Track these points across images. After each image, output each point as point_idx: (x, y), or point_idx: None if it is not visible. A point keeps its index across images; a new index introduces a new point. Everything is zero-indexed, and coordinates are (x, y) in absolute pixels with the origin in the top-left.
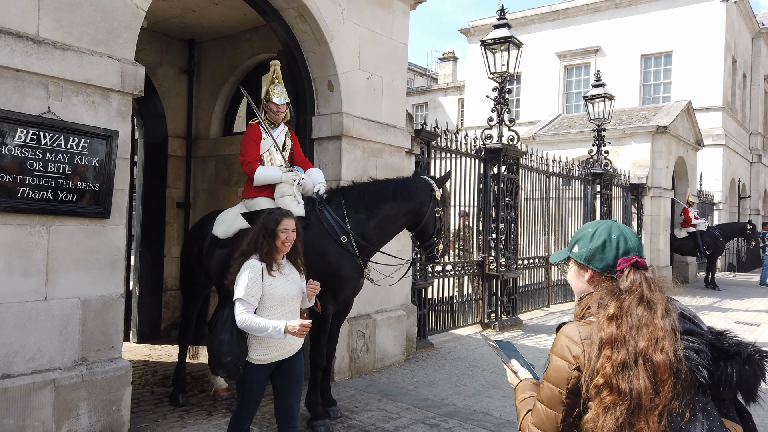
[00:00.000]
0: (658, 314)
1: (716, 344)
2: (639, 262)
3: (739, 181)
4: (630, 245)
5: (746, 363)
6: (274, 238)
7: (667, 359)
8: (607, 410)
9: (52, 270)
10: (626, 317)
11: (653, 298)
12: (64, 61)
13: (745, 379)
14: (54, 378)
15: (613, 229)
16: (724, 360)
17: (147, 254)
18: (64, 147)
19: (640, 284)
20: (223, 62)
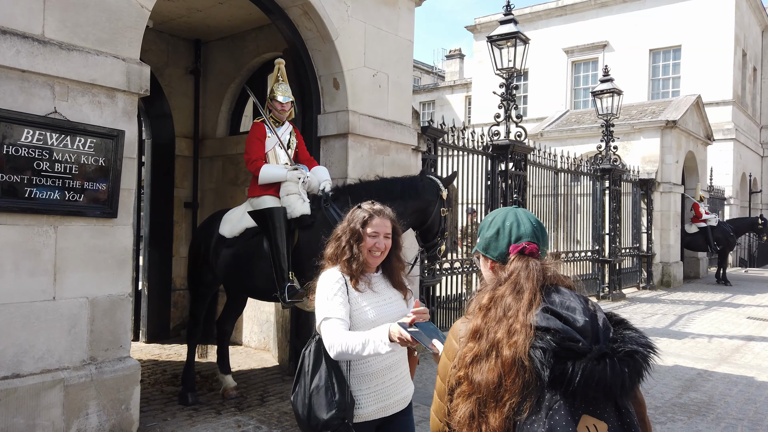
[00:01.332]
0: (523, 305)
1: (564, 343)
2: (526, 248)
3: (750, 175)
4: (522, 231)
5: (600, 362)
6: (360, 241)
7: (514, 355)
8: (464, 400)
9: (60, 270)
10: (494, 308)
11: (525, 287)
12: (69, 62)
13: (600, 378)
14: (63, 377)
15: (508, 216)
16: (573, 359)
17: (155, 254)
18: (70, 147)
19: (518, 273)
20: (229, 62)
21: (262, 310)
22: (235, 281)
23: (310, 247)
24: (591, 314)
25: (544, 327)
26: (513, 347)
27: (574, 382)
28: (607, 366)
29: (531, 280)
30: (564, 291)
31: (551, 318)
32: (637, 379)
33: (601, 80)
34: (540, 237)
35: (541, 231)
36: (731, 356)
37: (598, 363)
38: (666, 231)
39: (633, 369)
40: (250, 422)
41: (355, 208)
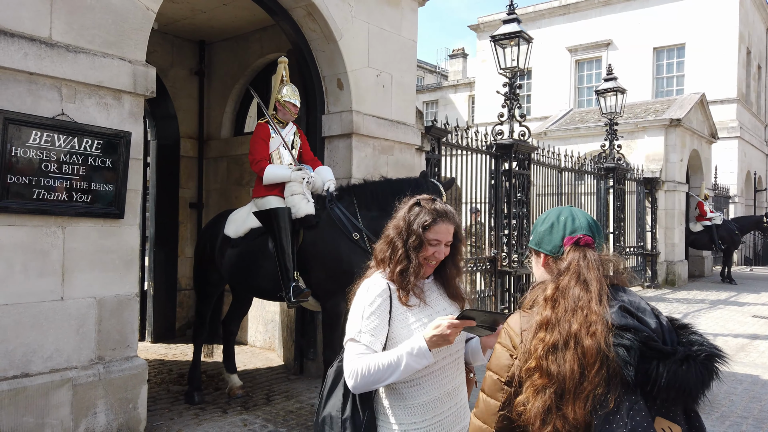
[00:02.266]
0: (593, 296)
1: (650, 342)
2: (581, 239)
3: (755, 173)
4: (577, 225)
5: (684, 364)
6: (419, 248)
7: (597, 344)
8: (537, 393)
9: (68, 270)
10: (562, 299)
11: (589, 278)
12: (76, 64)
13: (683, 380)
14: (71, 377)
15: (563, 212)
16: (657, 359)
17: (161, 254)
18: (77, 149)
19: (578, 262)
20: (233, 62)
21: (267, 310)
22: (240, 281)
23: (314, 247)
24: (657, 316)
25: (623, 325)
26: (594, 337)
27: (658, 383)
28: (691, 368)
29: (593, 270)
30: (630, 291)
31: (628, 317)
32: (710, 383)
33: (605, 79)
34: (596, 232)
35: (597, 227)
36: (736, 355)
37: (682, 365)
38: (670, 230)
39: (710, 372)
40: (257, 421)
41: (413, 203)
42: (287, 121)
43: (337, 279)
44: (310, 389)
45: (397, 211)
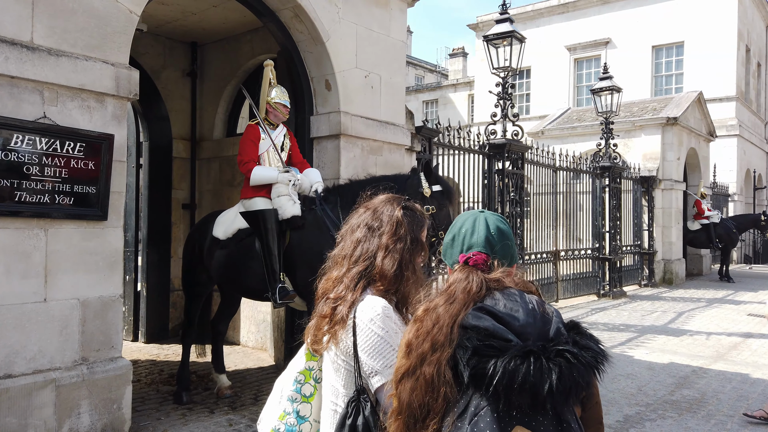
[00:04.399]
0: (450, 316)
1: (486, 341)
2: (471, 258)
3: (755, 171)
4: (474, 240)
5: (523, 360)
6: (417, 253)
7: (434, 372)
8: (394, 419)
9: (51, 272)
10: (426, 320)
11: (457, 299)
12: (58, 67)
13: (524, 378)
14: (55, 378)
15: (466, 222)
16: (496, 357)
17: (154, 255)
18: (60, 151)
19: (456, 285)
20: (225, 64)
21: (259, 310)
22: (229, 281)
23: (300, 247)
24: (542, 317)
25: (472, 326)
26: (434, 364)
27: (494, 382)
28: (532, 364)
29: (465, 292)
30: (511, 292)
31: (483, 317)
32: (571, 384)
33: (600, 78)
34: (495, 245)
35: (500, 239)
36: (728, 353)
37: (523, 361)
38: (668, 228)
39: (566, 372)
40: (242, 421)
41: (402, 206)
42: (278, 122)
43: None
44: None
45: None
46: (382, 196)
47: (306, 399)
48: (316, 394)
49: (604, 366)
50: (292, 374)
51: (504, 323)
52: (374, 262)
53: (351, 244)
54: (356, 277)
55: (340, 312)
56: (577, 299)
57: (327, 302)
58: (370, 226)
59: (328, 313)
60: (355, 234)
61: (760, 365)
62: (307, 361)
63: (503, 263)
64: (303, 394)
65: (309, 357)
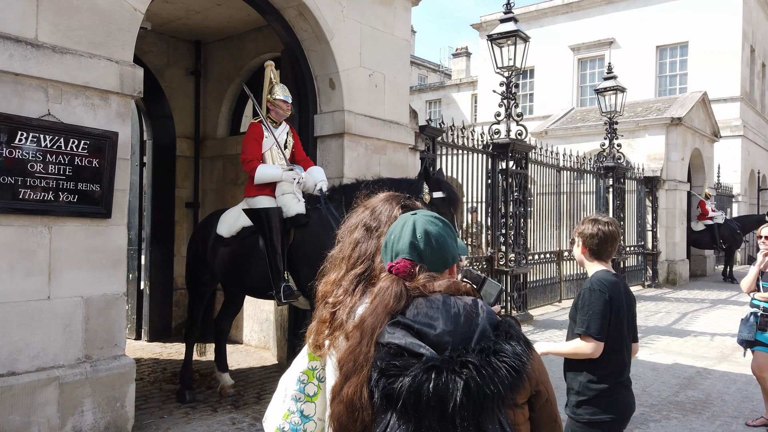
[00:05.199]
0: (368, 334)
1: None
2: (394, 266)
3: (759, 172)
4: (400, 247)
5: (427, 375)
6: None
7: (351, 394)
8: None
9: (54, 270)
10: (354, 335)
11: (378, 313)
12: (62, 65)
13: (428, 395)
14: (58, 375)
15: (396, 228)
16: (403, 375)
17: (157, 254)
18: (64, 149)
19: (378, 297)
20: (228, 62)
21: (262, 309)
22: (232, 279)
23: (304, 246)
24: (467, 320)
25: (386, 342)
26: (354, 385)
27: (400, 401)
28: (433, 380)
29: (383, 306)
30: (434, 298)
31: (396, 332)
32: (482, 396)
33: (605, 77)
34: (422, 251)
35: (426, 243)
36: (732, 354)
37: (427, 378)
38: (671, 229)
39: (474, 383)
40: (245, 419)
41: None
42: (280, 120)
43: None
44: None
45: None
46: (381, 195)
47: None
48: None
49: (521, 370)
50: (295, 373)
51: (421, 336)
52: (373, 265)
53: (349, 244)
54: (355, 280)
55: (339, 317)
56: None
57: (326, 306)
58: (368, 226)
59: (327, 317)
60: (353, 234)
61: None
62: (309, 361)
63: (437, 268)
64: (306, 393)
65: (311, 357)
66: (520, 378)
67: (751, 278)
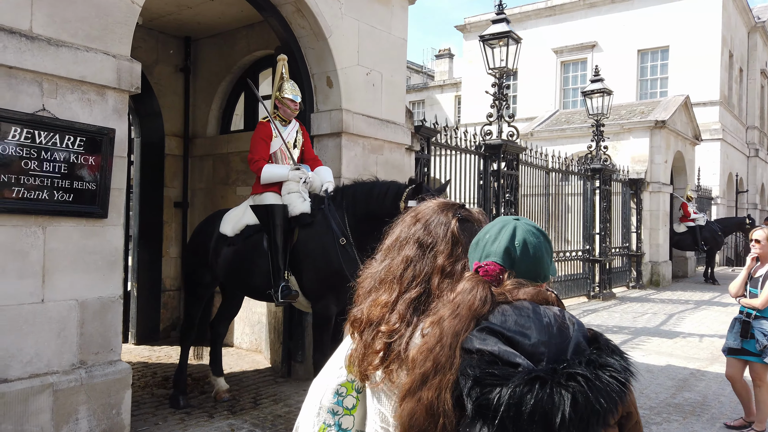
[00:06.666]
0: (451, 334)
1: (488, 368)
2: (482, 268)
3: (737, 175)
4: (493, 249)
5: (531, 387)
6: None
7: (432, 397)
8: None
9: (48, 272)
10: (431, 335)
11: (462, 315)
12: (58, 58)
13: (533, 408)
14: (52, 382)
15: (493, 229)
16: (501, 385)
17: (145, 255)
18: (59, 146)
19: (461, 296)
20: (219, 60)
21: (254, 311)
22: (235, 280)
23: (306, 246)
24: (559, 331)
25: (477, 349)
26: (434, 388)
27: (498, 415)
28: (538, 393)
29: (467, 307)
30: (522, 305)
31: (488, 339)
32: (590, 411)
33: (592, 80)
34: (516, 260)
35: (523, 253)
36: (722, 356)
37: (530, 390)
38: (655, 230)
39: (582, 398)
40: (244, 426)
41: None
42: (288, 118)
43: (327, 280)
44: (299, 392)
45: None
46: (432, 203)
47: (348, 411)
48: (358, 405)
49: (629, 385)
50: (331, 385)
51: (513, 344)
52: (429, 287)
53: (401, 263)
54: (410, 304)
55: (395, 349)
56: (568, 301)
57: (379, 336)
58: (422, 243)
59: (382, 348)
60: (404, 251)
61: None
62: (348, 373)
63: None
64: (345, 406)
65: (350, 368)
66: (625, 395)
67: (740, 282)
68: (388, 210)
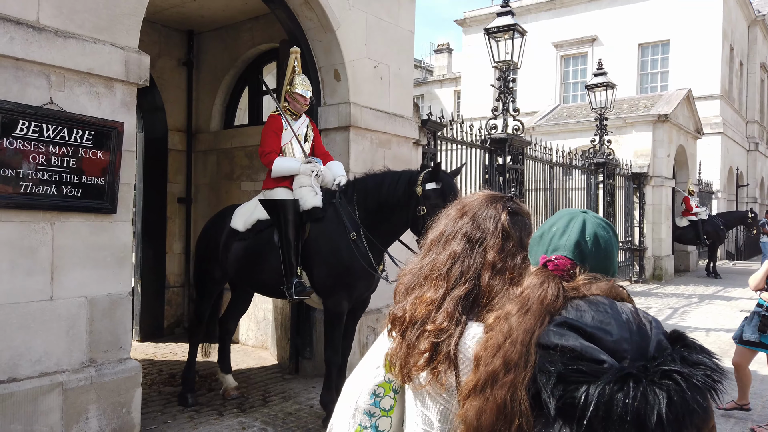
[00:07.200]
0: (524, 329)
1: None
2: (551, 262)
3: (737, 169)
4: (563, 242)
5: (622, 385)
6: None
7: (506, 396)
8: None
9: (57, 268)
10: (496, 331)
11: (531, 309)
12: (65, 50)
13: (623, 408)
14: (62, 381)
15: (560, 221)
16: (588, 383)
17: (149, 251)
18: (67, 139)
19: (530, 292)
20: (223, 53)
21: (260, 308)
22: (245, 276)
23: (317, 241)
24: (639, 329)
25: (555, 345)
26: (507, 387)
27: (587, 414)
28: (632, 390)
29: (539, 302)
30: (597, 300)
31: (568, 334)
32: (684, 411)
33: (595, 74)
34: (587, 254)
35: (594, 247)
36: (730, 350)
37: (621, 387)
38: (657, 225)
39: (677, 397)
40: (255, 424)
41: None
42: (298, 112)
43: (339, 276)
44: (308, 389)
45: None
46: (479, 195)
47: (386, 413)
48: (396, 406)
49: (722, 385)
50: (367, 385)
51: (594, 340)
52: (479, 284)
53: (447, 258)
54: (459, 302)
55: (444, 349)
56: None
57: (425, 335)
58: (470, 237)
59: (428, 348)
60: (450, 246)
61: (764, 362)
62: (387, 372)
63: None
64: (382, 408)
65: (389, 368)
66: (721, 395)
67: (761, 275)
68: (400, 197)
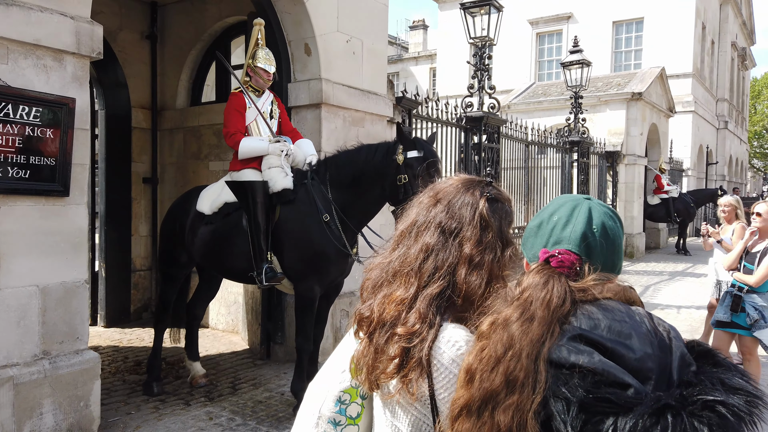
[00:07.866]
0: (530, 340)
1: (599, 391)
2: (555, 258)
3: (707, 147)
4: (566, 234)
5: (658, 418)
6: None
7: (512, 423)
8: None
9: (4, 256)
10: (494, 340)
11: (535, 315)
12: (8, 18)
13: None
14: (12, 375)
15: (563, 209)
16: (615, 414)
17: (113, 233)
18: (12, 117)
19: (532, 292)
20: (188, 27)
21: (230, 291)
22: (212, 261)
23: (287, 224)
24: (660, 342)
25: (570, 364)
26: (510, 411)
27: None
28: (669, 426)
29: (544, 306)
30: (612, 306)
31: (585, 350)
32: None
33: (571, 51)
34: (594, 247)
35: (603, 239)
36: (700, 327)
37: (657, 421)
38: (630, 203)
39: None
40: (223, 413)
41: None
42: (261, 88)
43: (310, 261)
44: (279, 376)
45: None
46: (454, 180)
47: (352, 421)
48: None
49: (764, 415)
50: (332, 391)
51: (615, 358)
52: (454, 280)
53: (419, 252)
54: (432, 302)
55: (416, 355)
56: None
57: (395, 339)
58: (444, 228)
59: (398, 353)
60: (422, 238)
61: None
62: (353, 377)
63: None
64: (349, 416)
65: (355, 373)
66: (758, 426)
67: (734, 256)
68: (378, 166)
